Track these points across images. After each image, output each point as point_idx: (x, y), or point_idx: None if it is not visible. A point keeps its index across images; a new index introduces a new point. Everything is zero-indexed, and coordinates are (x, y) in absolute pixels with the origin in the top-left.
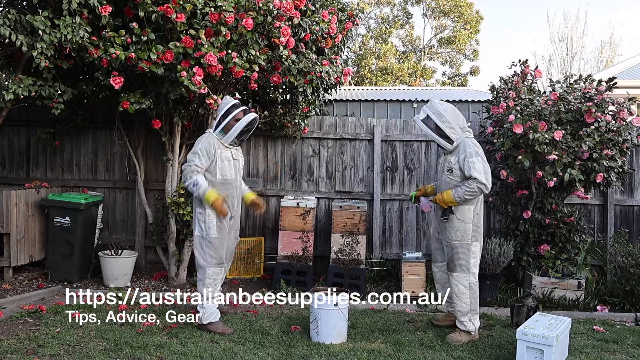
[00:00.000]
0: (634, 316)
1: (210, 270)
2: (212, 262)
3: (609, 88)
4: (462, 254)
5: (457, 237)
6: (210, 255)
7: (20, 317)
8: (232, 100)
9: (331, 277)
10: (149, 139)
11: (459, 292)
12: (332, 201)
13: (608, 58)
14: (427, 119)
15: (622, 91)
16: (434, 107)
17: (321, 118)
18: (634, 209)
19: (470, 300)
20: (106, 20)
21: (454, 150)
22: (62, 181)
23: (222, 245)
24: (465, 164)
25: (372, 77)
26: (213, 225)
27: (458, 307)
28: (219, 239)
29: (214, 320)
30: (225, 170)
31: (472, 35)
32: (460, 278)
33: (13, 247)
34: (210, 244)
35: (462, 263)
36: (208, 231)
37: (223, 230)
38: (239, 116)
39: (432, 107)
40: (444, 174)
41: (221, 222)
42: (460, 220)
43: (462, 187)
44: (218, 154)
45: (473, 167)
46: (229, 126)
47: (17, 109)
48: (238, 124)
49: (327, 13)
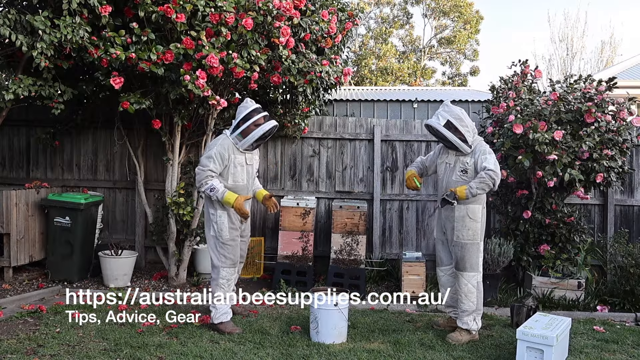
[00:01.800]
0: (634, 316)
1: (224, 271)
2: (227, 262)
3: (609, 88)
4: (473, 252)
5: (468, 236)
6: (224, 256)
7: (20, 317)
8: (254, 105)
9: (331, 277)
10: (149, 139)
11: (467, 292)
12: (332, 201)
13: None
14: (448, 124)
15: (622, 91)
16: (453, 112)
17: (321, 118)
18: (634, 209)
19: (477, 300)
20: (106, 20)
21: (470, 152)
22: (62, 181)
23: (236, 246)
24: (479, 160)
25: (372, 77)
26: (225, 227)
27: (465, 306)
28: (232, 239)
29: (225, 321)
30: (237, 176)
31: (472, 35)
32: (470, 277)
33: (13, 247)
34: (223, 245)
35: (472, 262)
36: (220, 232)
37: (235, 232)
38: (260, 122)
39: (451, 111)
40: (457, 174)
41: (233, 224)
42: (472, 219)
43: (475, 181)
44: (232, 159)
45: (486, 160)
46: (248, 131)
47: (17, 109)
48: (257, 129)
49: (327, 13)
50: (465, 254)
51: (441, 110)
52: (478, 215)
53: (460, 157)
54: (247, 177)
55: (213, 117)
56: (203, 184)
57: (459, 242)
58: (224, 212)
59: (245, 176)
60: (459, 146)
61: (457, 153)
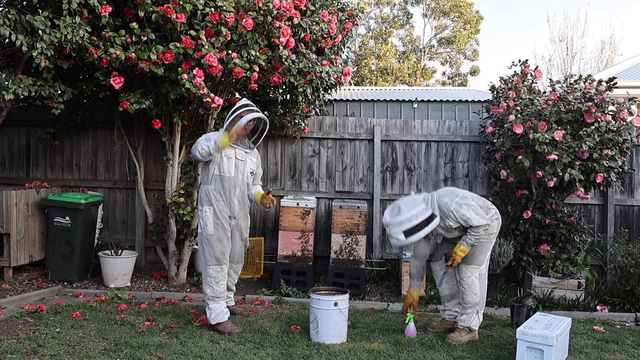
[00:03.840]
0: (634, 316)
1: (211, 269)
2: (211, 260)
3: (609, 88)
4: (486, 248)
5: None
6: (208, 253)
7: (20, 317)
8: (245, 101)
9: (331, 277)
10: (149, 139)
11: (470, 283)
12: (332, 201)
13: (608, 58)
14: (408, 232)
15: (622, 91)
16: (396, 221)
17: (321, 118)
18: (634, 209)
19: (480, 293)
20: (106, 20)
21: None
22: (62, 181)
23: (221, 244)
24: (460, 219)
25: (372, 77)
26: (210, 222)
27: (468, 297)
28: (216, 236)
29: (222, 320)
30: (223, 167)
31: (472, 35)
32: (473, 270)
33: (13, 247)
34: (207, 241)
35: (480, 257)
36: (205, 228)
37: (220, 228)
38: (244, 114)
39: (395, 223)
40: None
41: (218, 219)
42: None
43: (468, 236)
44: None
45: (468, 216)
46: (234, 122)
47: (17, 109)
48: (242, 119)
49: (327, 13)
50: (476, 249)
51: (391, 232)
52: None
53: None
54: (234, 170)
55: (213, 117)
56: (197, 146)
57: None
58: (210, 208)
59: (232, 169)
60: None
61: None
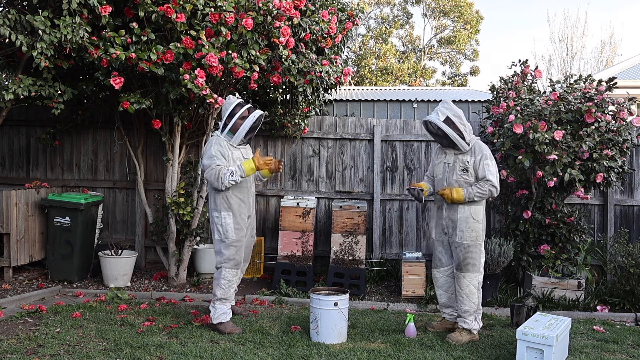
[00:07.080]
0: (634, 316)
1: (227, 272)
2: (230, 264)
3: (609, 88)
4: (475, 254)
5: (472, 238)
6: (228, 258)
7: (20, 317)
8: (237, 100)
9: (331, 277)
10: (149, 139)
11: (469, 293)
12: (332, 201)
13: (608, 58)
14: (448, 121)
15: (622, 91)
16: (453, 109)
17: (321, 118)
18: (634, 209)
19: (477, 300)
20: (106, 20)
21: (469, 150)
22: (62, 181)
23: (241, 247)
24: (481, 165)
25: (372, 77)
26: (230, 227)
27: (466, 307)
28: (237, 240)
29: (224, 321)
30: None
31: (472, 35)
32: (472, 278)
33: (13, 247)
34: (228, 247)
35: (475, 263)
36: (226, 234)
37: (241, 232)
38: (245, 114)
39: (450, 108)
40: (458, 173)
41: (238, 224)
42: (475, 220)
43: (474, 187)
44: (230, 156)
45: (488, 169)
46: (237, 126)
47: (17, 109)
48: (245, 122)
49: (327, 13)
50: (468, 255)
51: (440, 107)
52: (480, 216)
53: (459, 155)
54: None
55: (213, 117)
56: (221, 177)
57: (462, 243)
58: (229, 213)
59: None
60: (457, 143)
61: (455, 152)
